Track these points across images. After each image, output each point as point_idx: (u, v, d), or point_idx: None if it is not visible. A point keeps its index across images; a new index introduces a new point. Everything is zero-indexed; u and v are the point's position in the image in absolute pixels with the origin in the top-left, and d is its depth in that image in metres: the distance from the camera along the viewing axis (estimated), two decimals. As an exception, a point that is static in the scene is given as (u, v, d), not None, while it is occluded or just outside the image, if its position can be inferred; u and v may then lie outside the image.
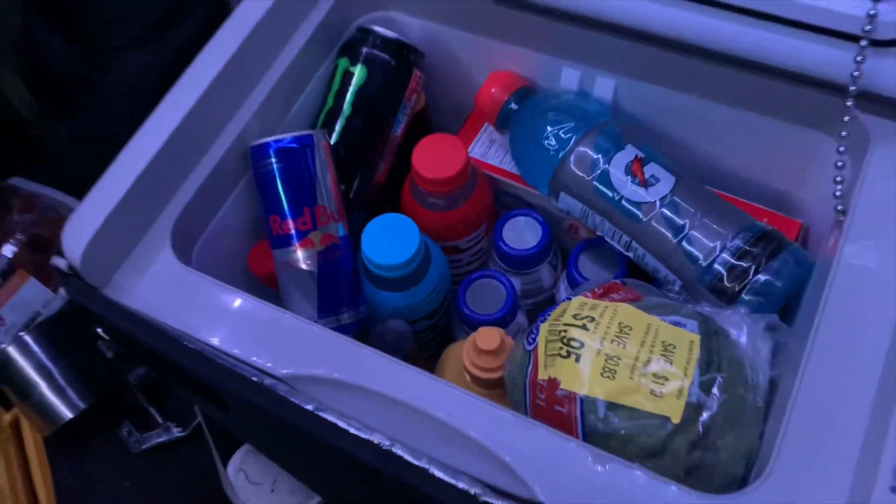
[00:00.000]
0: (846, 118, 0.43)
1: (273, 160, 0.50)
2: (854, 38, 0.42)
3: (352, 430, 0.38)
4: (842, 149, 0.44)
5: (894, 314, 0.39)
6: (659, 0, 0.47)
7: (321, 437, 0.39)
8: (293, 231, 0.50)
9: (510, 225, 0.57)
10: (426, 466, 0.37)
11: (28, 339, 0.76)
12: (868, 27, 0.41)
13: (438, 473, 0.37)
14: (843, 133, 0.43)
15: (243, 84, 0.52)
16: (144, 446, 0.79)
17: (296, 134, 0.51)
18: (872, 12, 0.40)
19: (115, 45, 0.98)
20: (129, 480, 0.78)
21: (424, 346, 0.57)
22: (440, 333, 0.57)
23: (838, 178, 0.44)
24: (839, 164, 0.44)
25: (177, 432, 0.79)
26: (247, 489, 0.59)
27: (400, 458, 0.37)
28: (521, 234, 0.56)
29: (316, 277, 0.50)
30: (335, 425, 0.38)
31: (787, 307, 0.48)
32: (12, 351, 0.75)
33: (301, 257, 0.50)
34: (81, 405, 0.76)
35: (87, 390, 0.77)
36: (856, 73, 0.42)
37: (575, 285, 0.55)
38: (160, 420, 0.80)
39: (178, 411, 0.80)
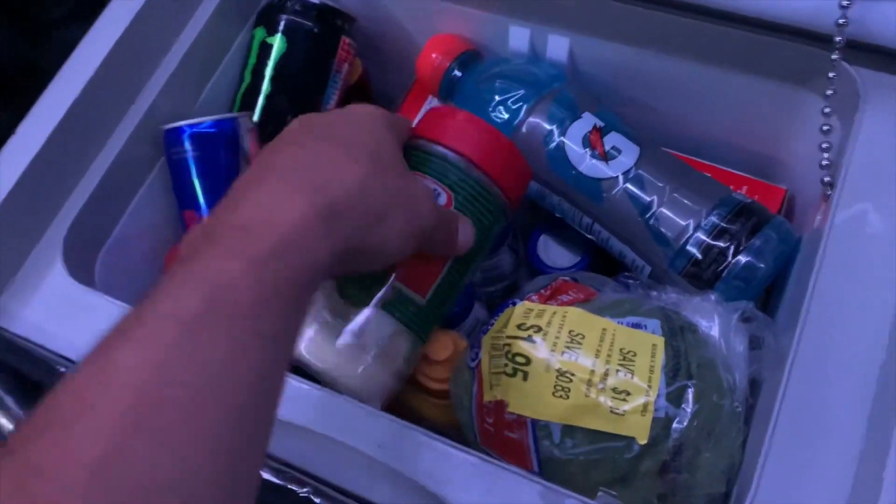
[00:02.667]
0: (832, 74, 0.36)
1: (189, 147, 0.44)
2: (839, -22, 0.35)
3: (273, 479, 0.33)
4: (828, 110, 0.37)
5: (893, 302, 0.33)
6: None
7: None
8: None
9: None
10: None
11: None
12: (854, -37, 0.34)
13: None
14: (829, 91, 0.37)
15: (145, 61, 0.46)
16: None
17: (216, 117, 0.45)
18: (860, -53, 0.33)
19: (50, 20, 0.91)
20: None
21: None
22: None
23: (825, 145, 0.38)
24: (825, 127, 0.38)
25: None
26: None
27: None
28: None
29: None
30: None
31: (770, 288, 0.42)
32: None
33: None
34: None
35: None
36: (841, 21, 0.35)
37: (535, 273, 0.49)
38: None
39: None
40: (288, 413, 0.33)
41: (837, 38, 0.36)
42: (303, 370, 0.36)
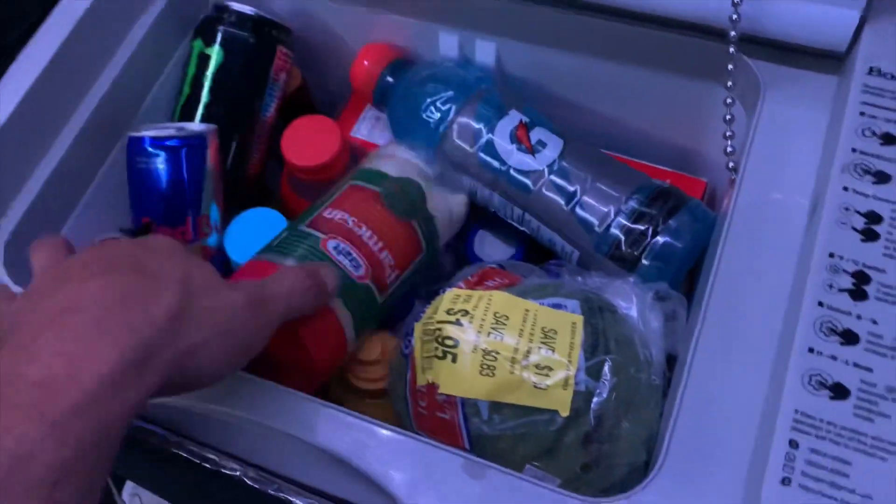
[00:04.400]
0: (730, 66, 0.39)
1: (159, 158, 0.44)
2: (730, -23, 0.38)
3: (196, 459, 0.34)
4: (729, 100, 0.40)
5: (790, 277, 0.36)
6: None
7: (173, 464, 0.34)
8: None
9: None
10: (281, 494, 0.33)
11: None
12: (742, -36, 0.37)
13: (295, 500, 0.33)
14: (729, 83, 0.40)
15: (86, 70, 0.47)
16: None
17: (191, 129, 0.46)
18: (745, -53, 0.36)
19: (6, 44, 0.92)
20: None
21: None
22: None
23: (728, 133, 0.40)
24: (728, 117, 0.40)
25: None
26: (143, 516, 0.55)
27: (250, 487, 0.33)
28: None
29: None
30: (180, 457, 0.34)
31: (694, 270, 0.44)
32: None
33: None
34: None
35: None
36: (734, 17, 0.38)
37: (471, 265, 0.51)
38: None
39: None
40: (223, 402, 0.35)
41: (731, 33, 0.39)
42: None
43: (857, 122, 0.36)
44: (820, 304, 0.32)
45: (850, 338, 0.31)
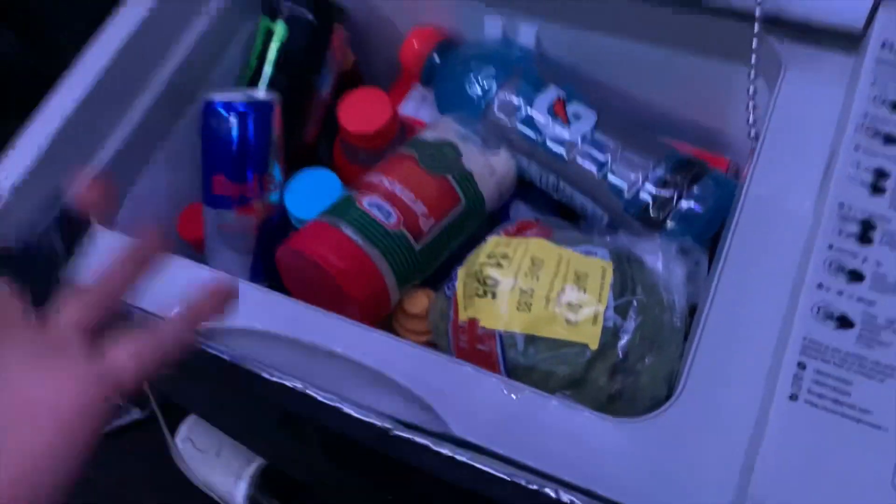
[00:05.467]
0: (754, 44, 0.43)
1: (234, 120, 0.48)
2: (756, -40, 0.41)
3: (265, 374, 0.38)
4: (752, 75, 0.44)
5: (805, 230, 0.39)
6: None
7: (236, 382, 0.38)
8: (237, 195, 0.49)
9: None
10: (339, 405, 0.37)
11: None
12: (767, -52, 0.41)
13: (350, 410, 0.37)
14: (753, 60, 0.43)
15: (165, 41, 0.52)
16: (106, 429, 0.78)
17: (259, 96, 0.50)
18: (770, -68, 0.40)
19: (63, 40, 0.98)
20: (91, 461, 0.78)
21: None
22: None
23: (750, 105, 0.44)
24: (750, 90, 0.44)
25: (136, 414, 0.79)
26: (194, 456, 0.59)
27: (313, 398, 0.37)
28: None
29: (253, 247, 0.50)
30: (247, 370, 0.38)
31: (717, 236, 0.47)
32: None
33: (241, 223, 0.49)
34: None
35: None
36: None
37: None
38: (120, 403, 0.80)
39: (136, 396, 0.80)
40: (271, 323, 0.39)
41: (756, 13, 0.42)
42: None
43: (870, 91, 0.39)
44: (830, 246, 0.35)
45: (855, 276, 0.34)
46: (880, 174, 0.37)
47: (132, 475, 0.75)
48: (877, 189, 0.36)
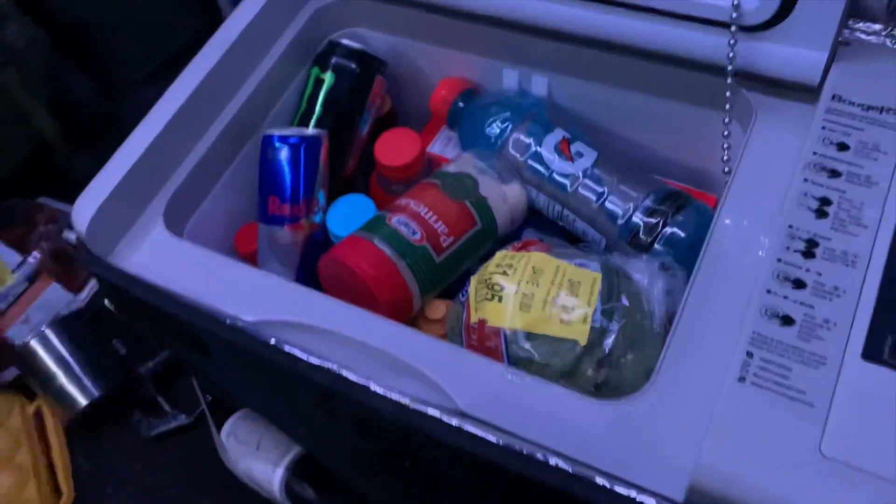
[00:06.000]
0: (728, 94, 0.51)
1: (288, 151, 0.57)
2: (726, 25, 0.49)
3: (307, 358, 0.45)
4: (727, 120, 0.51)
5: (764, 257, 0.45)
6: (568, 3, 0.55)
7: (282, 365, 0.46)
8: (289, 214, 0.58)
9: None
10: (367, 384, 0.44)
11: (49, 333, 0.84)
12: (735, 15, 0.48)
13: (376, 388, 0.44)
14: (727, 107, 0.51)
15: (232, 85, 0.61)
16: (154, 432, 0.86)
17: (309, 132, 0.59)
18: (736, 2, 0.48)
19: (132, 81, 1.10)
20: (139, 463, 0.86)
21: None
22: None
23: (725, 145, 0.51)
24: (725, 133, 0.51)
25: (183, 419, 0.87)
26: (236, 449, 0.66)
27: (346, 378, 0.45)
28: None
29: (298, 258, 0.59)
30: (292, 355, 0.46)
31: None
32: (35, 344, 0.84)
33: (290, 238, 0.58)
34: (96, 393, 0.84)
35: (102, 381, 0.85)
36: (731, 56, 0.50)
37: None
38: (168, 409, 0.88)
39: (184, 401, 0.88)
40: (312, 318, 0.47)
41: (728, 68, 0.50)
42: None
43: (819, 133, 0.46)
44: (779, 259, 0.42)
45: (799, 284, 0.41)
46: (824, 201, 0.44)
47: (183, 476, 0.82)
48: (821, 213, 0.43)
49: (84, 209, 0.53)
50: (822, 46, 0.49)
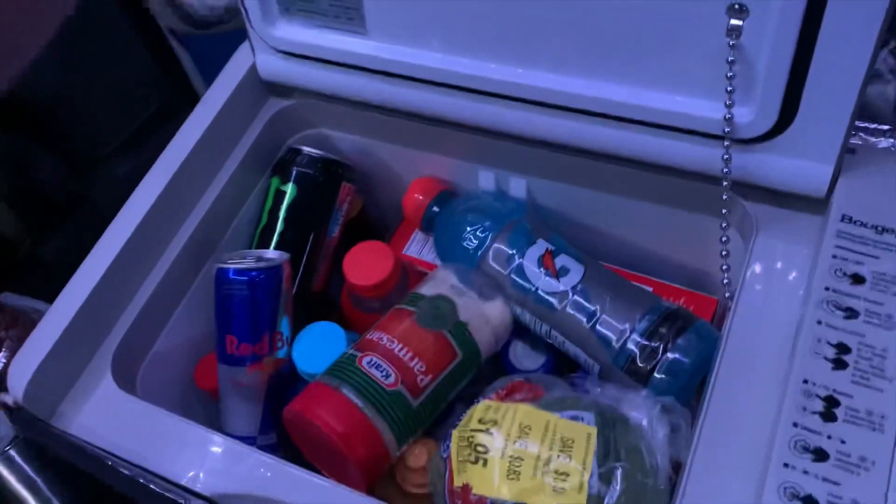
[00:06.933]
0: (724, 210, 0.46)
1: (243, 287, 0.52)
2: (720, 138, 0.45)
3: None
4: (725, 238, 0.46)
5: (777, 393, 0.40)
6: (546, 113, 0.50)
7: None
8: (249, 354, 0.52)
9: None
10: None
11: (13, 454, 0.79)
12: (727, 129, 0.44)
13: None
14: (724, 224, 0.46)
15: (185, 203, 0.56)
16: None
17: (268, 259, 0.54)
18: (728, 116, 0.43)
19: (100, 156, 1.05)
20: None
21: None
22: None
23: (724, 267, 0.47)
24: (723, 252, 0.47)
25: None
26: None
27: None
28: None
29: (263, 398, 0.53)
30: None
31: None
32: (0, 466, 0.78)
33: (252, 379, 0.52)
34: (66, 516, 0.78)
35: (73, 498, 0.80)
36: (725, 170, 0.45)
37: (508, 373, 0.57)
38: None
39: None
40: (275, 492, 0.42)
41: (724, 183, 0.45)
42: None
43: (831, 264, 0.41)
44: (795, 424, 0.37)
45: (820, 455, 0.36)
46: (842, 348, 0.39)
47: None
48: (839, 364, 0.38)
49: (21, 371, 0.48)
50: (828, 158, 0.44)
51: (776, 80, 0.42)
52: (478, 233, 0.55)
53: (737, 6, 0.40)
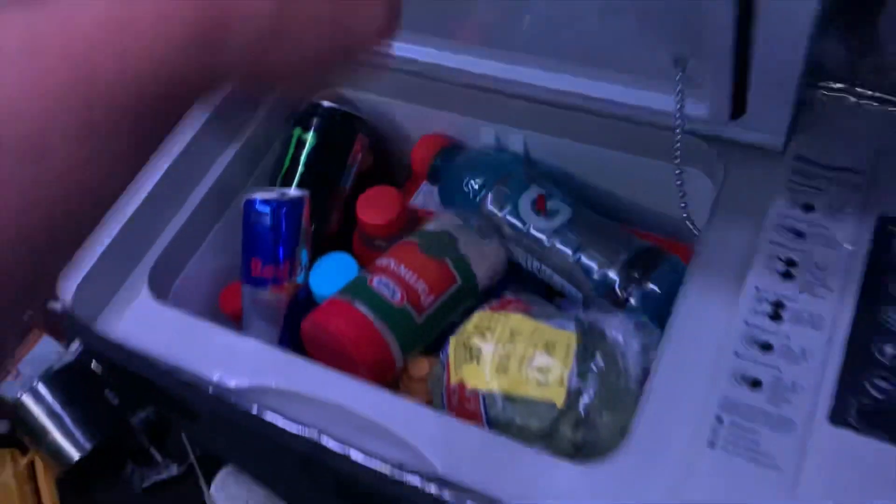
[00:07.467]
0: (677, 145, 0.52)
1: (270, 215, 0.58)
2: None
3: (287, 427, 0.46)
4: (678, 171, 0.53)
5: (732, 319, 0.46)
6: (549, 69, 0.57)
7: (264, 432, 0.47)
8: (271, 276, 0.59)
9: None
10: (346, 452, 0.45)
11: (41, 388, 0.85)
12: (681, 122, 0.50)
13: (356, 457, 0.45)
14: (677, 160, 0.52)
15: (215, 148, 0.62)
16: (146, 483, 0.86)
17: (291, 194, 0.60)
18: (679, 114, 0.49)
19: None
20: (132, 517, 0.86)
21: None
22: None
23: (682, 205, 0.53)
24: (679, 187, 0.53)
25: (175, 470, 0.87)
26: (226, 505, 0.67)
27: (326, 447, 0.45)
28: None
29: (282, 319, 0.59)
30: (273, 424, 0.46)
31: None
32: (27, 399, 0.84)
33: (274, 298, 0.59)
34: (88, 446, 0.84)
35: (94, 433, 0.85)
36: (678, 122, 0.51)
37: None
38: (160, 459, 0.88)
39: (176, 451, 0.88)
40: (293, 384, 0.47)
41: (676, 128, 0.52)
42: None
43: (786, 195, 0.48)
44: (746, 322, 0.43)
45: (766, 347, 0.42)
46: (790, 263, 0.45)
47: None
48: (787, 275, 0.44)
49: (69, 280, 0.54)
50: (779, 131, 0.50)
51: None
52: (478, 181, 0.62)
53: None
